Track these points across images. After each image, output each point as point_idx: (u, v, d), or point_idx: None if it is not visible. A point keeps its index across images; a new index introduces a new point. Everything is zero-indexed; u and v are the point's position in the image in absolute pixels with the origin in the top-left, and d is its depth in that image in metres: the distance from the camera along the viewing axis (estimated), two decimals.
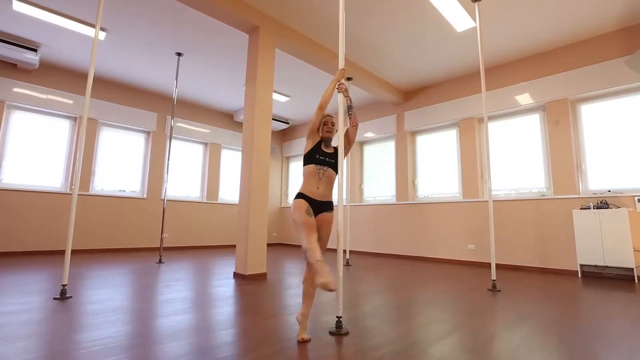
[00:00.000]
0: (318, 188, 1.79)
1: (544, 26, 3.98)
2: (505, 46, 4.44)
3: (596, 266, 3.80)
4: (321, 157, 1.82)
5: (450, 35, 4.21)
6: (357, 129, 1.96)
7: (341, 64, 2.05)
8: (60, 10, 3.79)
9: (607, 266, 3.66)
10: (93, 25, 4.03)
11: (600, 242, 3.67)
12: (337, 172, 1.88)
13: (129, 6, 3.69)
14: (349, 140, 1.96)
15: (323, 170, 1.81)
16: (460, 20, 3.81)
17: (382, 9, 3.71)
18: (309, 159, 1.83)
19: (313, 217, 1.72)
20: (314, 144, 1.86)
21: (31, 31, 4.22)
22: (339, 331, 1.74)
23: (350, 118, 1.95)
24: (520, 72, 4.74)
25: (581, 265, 3.89)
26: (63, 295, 2.36)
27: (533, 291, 2.94)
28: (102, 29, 4.13)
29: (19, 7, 3.66)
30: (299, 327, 1.68)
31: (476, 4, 3.48)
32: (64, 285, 2.39)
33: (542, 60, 4.56)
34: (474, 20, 3.83)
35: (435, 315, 2.12)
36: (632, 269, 3.58)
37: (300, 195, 1.78)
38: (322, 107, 1.88)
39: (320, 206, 1.78)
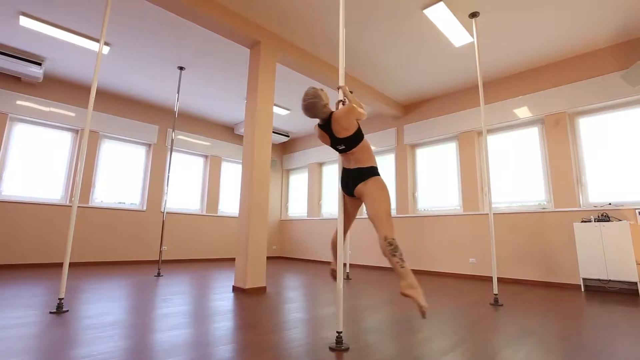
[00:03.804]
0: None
1: (540, 41, 4.05)
2: (502, 60, 4.51)
3: (599, 280, 3.76)
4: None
5: (449, 50, 4.28)
6: (345, 107, 1.88)
7: (341, 80, 2.07)
8: (66, 26, 3.87)
9: (610, 280, 3.62)
10: (97, 40, 4.10)
11: (602, 256, 3.64)
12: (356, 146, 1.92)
13: (132, 21, 3.77)
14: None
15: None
16: (458, 35, 3.88)
17: (382, 25, 3.79)
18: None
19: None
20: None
21: (36, 45, 4.29)
22: (339, 347, 1.71)
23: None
24: (518, 85, 4.80)
25: (584, 279, 3.84)
26: (59, 309, 2.33)
27: (536, 306, 2.90)
28: (106, 44, 4.21)
29: (26, 22, 3.74)
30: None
31: (473, 20, 3.55)
32: (60, 299, 2.36)
33: (540, 74, 4.62)
34: (472, 35, 3.90)
35: (437, 330, 2.09)
36: (636, 283, 3.54)
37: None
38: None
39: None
